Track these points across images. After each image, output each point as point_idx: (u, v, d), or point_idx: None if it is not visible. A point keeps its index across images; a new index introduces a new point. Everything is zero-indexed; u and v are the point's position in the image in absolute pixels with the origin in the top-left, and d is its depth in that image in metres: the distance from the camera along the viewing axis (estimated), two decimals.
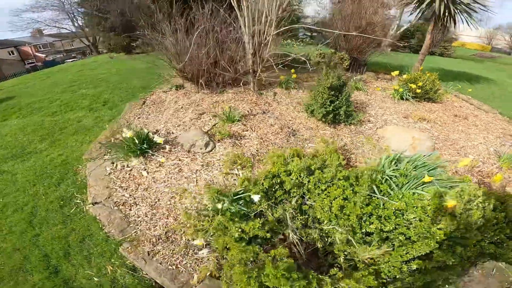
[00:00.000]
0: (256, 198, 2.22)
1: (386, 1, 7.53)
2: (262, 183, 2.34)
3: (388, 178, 2.36)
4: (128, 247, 2.60)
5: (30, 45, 34.03)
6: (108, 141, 4.12)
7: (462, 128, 4.93)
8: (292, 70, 5.56)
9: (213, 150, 3.72)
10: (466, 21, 6.36)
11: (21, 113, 5.68)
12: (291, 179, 2.42)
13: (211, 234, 2.33)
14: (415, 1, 6.23)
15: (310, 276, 1.88)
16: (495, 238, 2.13)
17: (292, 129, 4.15)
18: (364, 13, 6.58)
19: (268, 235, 1.97)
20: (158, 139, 3.65)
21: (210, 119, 4.57)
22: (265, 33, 5.01)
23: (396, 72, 6.21)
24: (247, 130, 4.13)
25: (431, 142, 3.63)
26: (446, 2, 5.56)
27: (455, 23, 6.41)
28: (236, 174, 3.29)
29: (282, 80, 5.71)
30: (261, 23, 4.93)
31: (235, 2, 4.90)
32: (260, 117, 4.55)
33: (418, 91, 5.61)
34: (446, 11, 5.67)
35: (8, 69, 27.65)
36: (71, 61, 27.47)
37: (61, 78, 9.02)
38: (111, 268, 2.52)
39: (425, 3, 5.85)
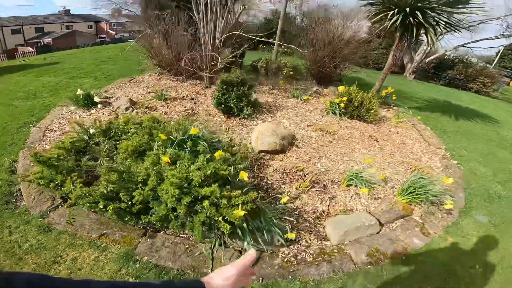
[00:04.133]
0: (91, 131, 3.67)
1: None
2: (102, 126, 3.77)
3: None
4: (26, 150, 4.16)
5: (106, 22, 40.78)
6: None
7: (357, 147, 5.13)
8: (238, 71, 6.71)
9: (129, 112, 5.24)
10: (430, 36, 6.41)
11: (53, 74, 8.09)
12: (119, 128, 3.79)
13: None
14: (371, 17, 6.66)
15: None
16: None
17: (195, 112, 5.41)
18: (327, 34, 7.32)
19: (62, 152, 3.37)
20: (97, 99, 5.34)
21: (153, 96, 6.10)
22: (216, 39, 6.32)
23: (342, 87, 6.69)
24: (163, 107, 5.56)
25: (272, 138, 4.37)
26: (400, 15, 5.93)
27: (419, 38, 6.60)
28: None
29: None
30: (216, 30, 6.26)
31: (196, 16, 6.32)
32: (185, 101, 5.90)
33: (342, 105, 6.09)
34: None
35: (82, 40, 34.44)
36: (132, 41, 32.49)
37: (106, 54, 11.66)
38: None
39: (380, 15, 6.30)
